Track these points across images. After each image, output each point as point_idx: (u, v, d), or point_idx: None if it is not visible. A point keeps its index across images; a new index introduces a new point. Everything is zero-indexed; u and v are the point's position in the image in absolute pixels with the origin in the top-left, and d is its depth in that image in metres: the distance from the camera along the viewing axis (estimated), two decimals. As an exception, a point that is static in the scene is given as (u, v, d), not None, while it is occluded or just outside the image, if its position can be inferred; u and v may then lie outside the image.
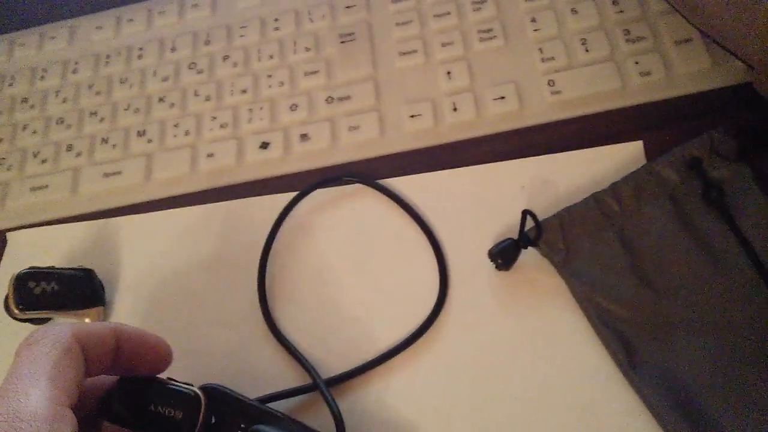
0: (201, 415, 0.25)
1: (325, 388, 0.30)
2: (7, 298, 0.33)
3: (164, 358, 0.26)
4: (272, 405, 0.30)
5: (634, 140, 0.34)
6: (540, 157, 0.35)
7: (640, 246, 0.30)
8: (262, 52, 0.42)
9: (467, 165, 0.36)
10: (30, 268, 0.33)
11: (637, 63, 0.36)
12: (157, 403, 0.24)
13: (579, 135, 0.35)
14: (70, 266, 0.35)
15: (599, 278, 0.30)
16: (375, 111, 0.38)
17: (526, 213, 0.31)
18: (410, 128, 0.37)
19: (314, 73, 0.40)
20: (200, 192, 0.39)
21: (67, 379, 0.22)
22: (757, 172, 0.31)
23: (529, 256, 0.32)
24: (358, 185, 0.36)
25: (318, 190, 0.36)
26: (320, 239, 0.35)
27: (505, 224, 0.33)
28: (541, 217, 0.31)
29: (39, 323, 0.35)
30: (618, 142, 0.35)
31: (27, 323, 0.34)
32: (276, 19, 0.43)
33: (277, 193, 0.37)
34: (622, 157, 0.34)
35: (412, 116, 0.37)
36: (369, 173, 0.37)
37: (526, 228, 0.31)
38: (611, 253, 0.30)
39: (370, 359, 0.31)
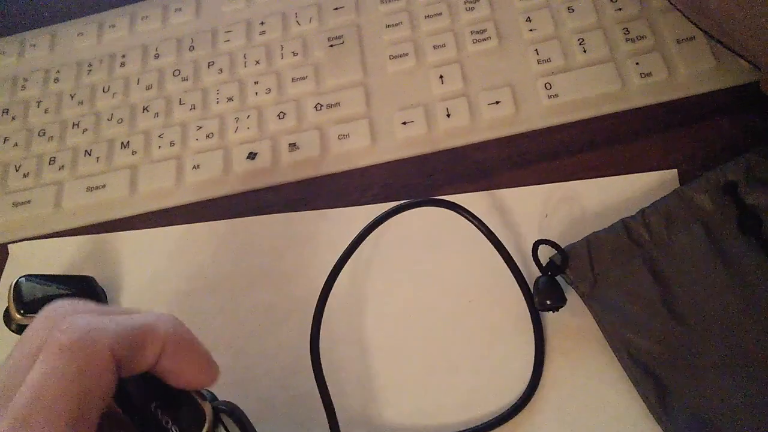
0: None
1: None
2: (7, 308, 0.31)
3: (205, 376, 0.23)
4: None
5: (632, 146, 0.33)
6: (565, 183, 0.33)
7: (672, 277, 0.29)
8: (248, 57, 0.40)
9: (463, 174, 0.34)
10: (28, 275, 0.32)
11: (637, 63, 0.34)
12: (160, 405, 0.22)
13: (578, 140, 0.34)
14: (70, 274, 0.34)
15: (628, 310, 0.28)
16: (366, 118, 0.37)
17: (540, 242, 0.29)
18: (403, 135, 0.36)
19: (302, 78, 0.39)
20: (187, 205, 0.37)
21: (89, 423, 0.20)
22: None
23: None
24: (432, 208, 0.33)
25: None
26: (385, 273, 0.32)
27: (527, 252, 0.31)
28: (565, 242, 0.29)
29: None
30: (617, 147, 0.33)
31: None
32: (262, 23, 0.41)
33: (263, 205, 0.36)
34: (654, 184, 0.32)
35: (404, 123, 0.36)
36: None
37: (552, 256, 0.30)
38: (641, 284, 0.29)
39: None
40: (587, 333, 0.29)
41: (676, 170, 0.32)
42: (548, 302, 0.29)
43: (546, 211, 0.32)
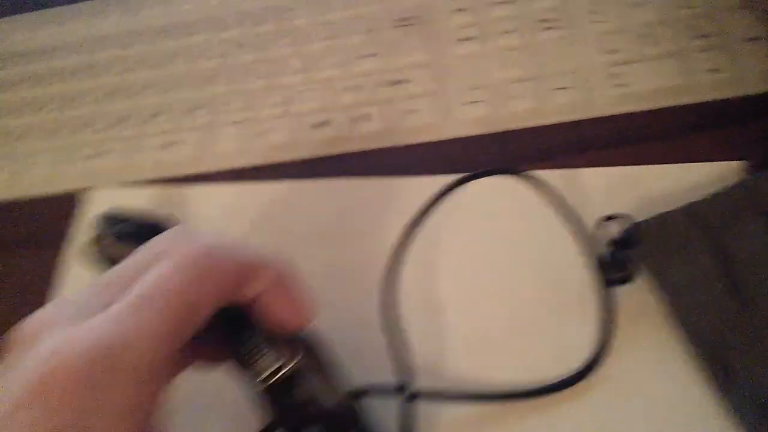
0: (288, 367, 0.24)
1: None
2: (94, 238, 0.33)
3: (300, 320, 0.25)
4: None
5: (698, 137, 0.34)
6: (631, 167, 0.34)
7: (739, 261, 0.29)
8: (316, 33, 0.42)
9: (526, 155, 0.35)
10: (116, 207, 0.33)
11: (704, 59, 0.35)
12: (253, 334, 0.24)
13: (642, 130, 0.35)
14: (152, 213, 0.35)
15: (694, 291, 0.29)
16: (434, 95, 0.38)
17: (611, 216, 0.30)
18: (469, 114, 0.37)
19: (372, 55, 0.40)
20: (255, 167, 0.39)
21: (187, 327, 0.21)
22: None
23: None
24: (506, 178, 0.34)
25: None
26: (461, 239, 0.33)
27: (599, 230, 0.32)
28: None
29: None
30: (680, 139, 0.34)
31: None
32: (329, 3, 0.43)
33: (329, 172, 0.37)
34: (720, 174, 0.32)
35: (470, 102, 0.37)
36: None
37: (622, 231, 0.30)
38: (707, 267, 0.29)
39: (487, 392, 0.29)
40: (652, 309, 0.30)
41: (744, 161, 0.33)
42: (616, 275, 0.30)
43: (612, 193, 0.33)
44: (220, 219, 0.37)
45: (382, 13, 0.42)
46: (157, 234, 0.35)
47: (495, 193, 0.34)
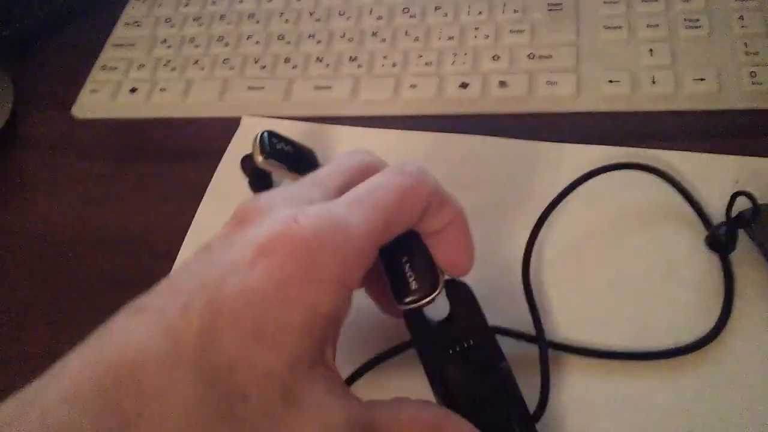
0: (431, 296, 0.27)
1: (546, 349, 0.30)
2: (249, 155, 0.37)
3: (466, 261, 0.28)
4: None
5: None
6: (758, 157, 0.35)
7: None
8: (471, 8, 0.46)
9: (657, 136, 0.38)
10: (272, 131, 0.38)
11: (843, 69, 0.37)
12: (407, 261, 0.27)
13: (770, 126, 0.37)
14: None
15: None
16: (574, 72, 0.41)
17: (740, 194, 0.31)
18: (606, 92, 0.40)
19: (520, 32, 0.44)
20: (399, 116, 0.42)
21: (393, 232, 0.25)
22: None
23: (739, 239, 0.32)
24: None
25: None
26: (598, 214, 0.36)
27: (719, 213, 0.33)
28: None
29: (261, 188, 0.39)
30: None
31: (252, 184, 0.39)
32: (489, -19, 0.47)
33: (468, 130, 0.41)
34: None
35: (610, 81, 0.40)
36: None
37: (743, 210, 0.32)
38: None
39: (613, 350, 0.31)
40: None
41: None
42: (714, 245, 0.32)
43: (736, 179, 0.35)
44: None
45: (532, -1, 0.45)
46: (306, 160, 0.39)
47: (627, 177, 0.36)
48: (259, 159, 0.37)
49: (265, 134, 0.38)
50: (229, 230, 0.24)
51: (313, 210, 0.23)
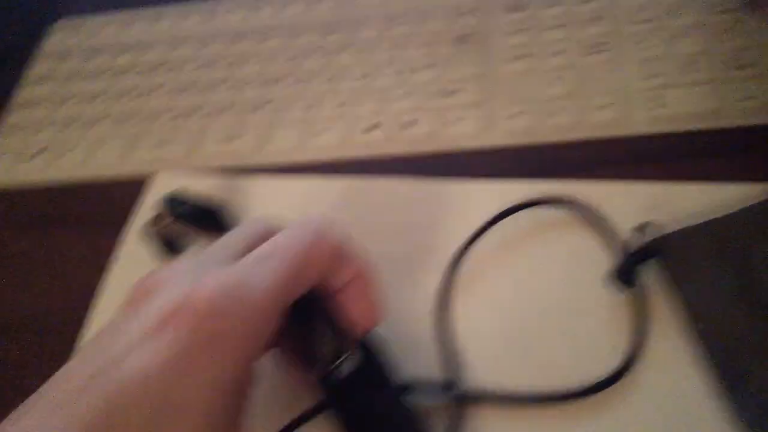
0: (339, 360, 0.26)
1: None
2: (155, 217, 0.36)
3: (371, 320, 0.28)
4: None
5: (726, 160, 0.36)
6: (666, 183, 0.35)
7: (759, 276, 0.31)
8: (381, 45, 0.45)
9: (565, 166, 0.37)
10: (179, 191, 0.37)
11: (741, 87, 0.37)
12: (322, 321, 0.27)
13: (678, 149, 0.37)
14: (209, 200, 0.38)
15: (715, 301, 0.30)
16: (481, 107, 0.41)
17: (646, 225, 0.32)
18: (513, 125, 0.39)
19: (428, 67, 0.43)
20: (310, 163, 0.42)
21: (297, 289, 0.25)
22: None
23: (646, 270, 0.32)
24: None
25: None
26: (510, 252, 0.35)
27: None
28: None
29: (172, 251, 0.37)
30: (714, 161, 0.36)
31: (160, 249, 0.37)
32: (398, 18, 0.46)
33: (378, 171, 0.40)
34: (751, 194, 0.34)
35: (516, 114, 0.39)
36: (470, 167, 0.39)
37: (648, 241, 0.32)
38: (730, 279, 0.31)
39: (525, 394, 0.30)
40: (679, 319, 0.31)
41: None
42: (622, 278, 0.31)
43: (645, 206, 0.35)
44: (276, 210, 0.39)
45: (443, 30, 0.45)
46: (214, 218, 0.38)
47: (539, 211, 0.36)
48: (164, 224, 0.36)
49: (167, 198, 0.37)
50: (128, 308, 0.24)
51: (212, 278, 0.23)
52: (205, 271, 0.24)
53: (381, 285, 0.28)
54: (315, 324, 0.27)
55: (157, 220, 0.37)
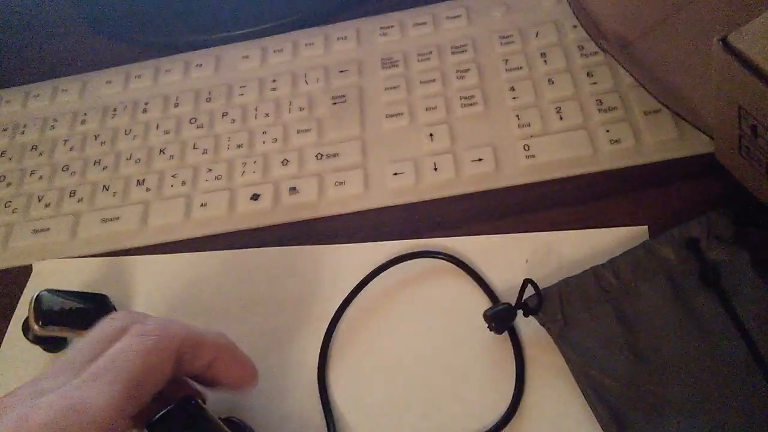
0: None
1: None
2: (27, 319, 0.34)
3: (249, 380, 0.28)
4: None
5: (602, 204, 0.36)
6: (544, 233, 0.36)
7: (636, 322, 0.31)
8: (259, 110, 0.44)
9: (446, 222, 0.38)
10: (48, 289, 0.35)
11: (608, 131, 0.38)
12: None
13: (552, 197, 0.37)
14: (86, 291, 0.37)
15: (595, 351, 0.31)
16: (360, 168, 0.40)
17: (527, 282, 0.32)
18: (393, 185, 0.39)
19: (306, 131, 0.43)
20: (192, 239, 0.40)
21: (144, 393, 0.25)
22: (755, 256, 0.31)
23: (527, 323, 0.33)
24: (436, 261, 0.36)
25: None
26: (389, 310, 0.35)
27: (510, 294, 0.33)
28: (541, 287, 0.32)
29: (54, 348, 0.36)
30: (587, 205, 0.37)
31: (41, 347, 0.36)
32: (273, 80, 0.46)
33: (264, 242, 0.39)
34: (625, 238, 0.35)
35: (395, 174, 0.39)
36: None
37: (528, 297, 0.32)
38: (607, 327, 0.31)
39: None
40: (561, 370, 0.31)
41: (646, 226, 0.35)
42: (493, 324, 0.32)
43: (525, 258, 0.35)
44: (159, 289, 0.39)
45: (320, 91, 0.45)
46: (95, 310, 0.37)
47: (418, 267, 0.36)
48: (35, 328, 0.34)
49: (41, 296, 0.35)
50: None
51: (46, 402, 0.23)
52: (43, 393, 0.24)
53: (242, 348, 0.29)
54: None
55: (26, 326, 0.35)
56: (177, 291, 0.38)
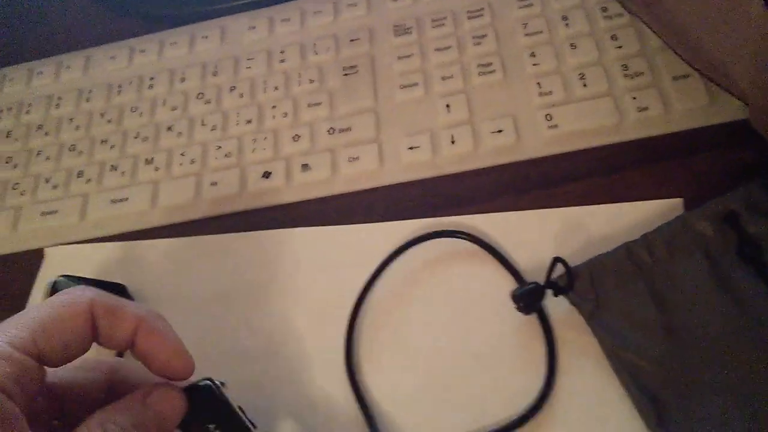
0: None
1: None
2: None
3: (178, 372, 0.26)
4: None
5: (629, 175, 0.35)
6: (571, 207, 0.34)
7: (672, 300, 0.30)
8: (267, 83, 0.43)
9: (466, 197, 0.36)
10: (64, 275, 0.34)
11: (634, 98, 0.36)
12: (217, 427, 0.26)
13: (576, 169, 0.36)
14: (103, 279, 0.36)
15: (628, 331, 0.29)
16: (375, 142, 0.39)
17: (556, 260, 0.30)
18: (408, 160, 0.38)
19: (317, 104, 0.41)
20: (203, 219, 0.39)
21: (50, 338, 0.24)
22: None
23: (557, 304, 0.31)
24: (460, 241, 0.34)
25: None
26: (413, 293, 0.34)
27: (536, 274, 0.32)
28: (570, 265, 0.30)
29: None
30: (613, 177, 0.35)
31: None
32: (282, 52, 0.44)
33: (277, 221, 0.38)
34: (659, 211, 0.33)
35: (410, 148, 0.38)
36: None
37: (557, 276, 0.31)
38: (641, 306, 0.30)
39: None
40: (593, 352, 0.30)
41: (681, 199, 0.33)
42: (521, 304, 0.31)
43: (552, 235, 0.34)
44: (174, 274, 0.38)
45: (330, 62, 0.43)
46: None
47: (440, 246, 0.35)
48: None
49: (58, 283, 0.34)
50: None
51: None
52: None
53: (268, 336, 0.29)
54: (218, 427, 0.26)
55: None
56: (193, 276, 0.37)
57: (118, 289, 0.36)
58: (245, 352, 0.34)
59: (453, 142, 0.37)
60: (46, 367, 0.23)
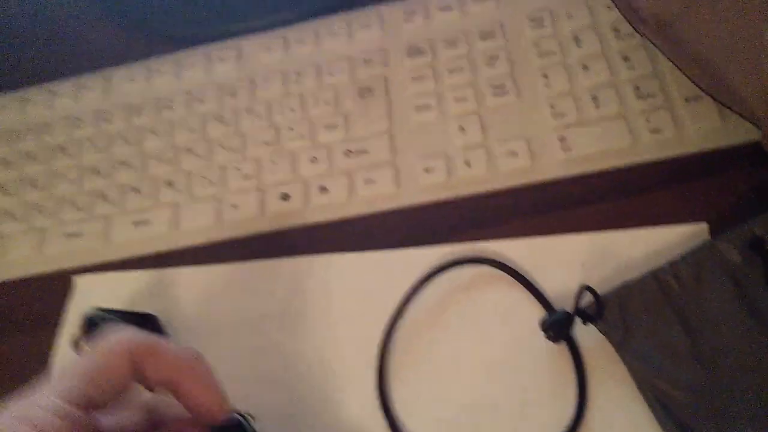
0: None
1: None
2: (77, 338, 0.35)
3: (214, 415, 0.27)
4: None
5: (648, 197, 0.35)
6: (596, 233, 0.35)
7: (700, 327, 0.30)
8: (283, 105, 0.44)
9: (483, 219, 0.37)
10: (98, 308, 0.35)
11: (647, 120, 0.37)
12: None
13: (590, 192, 0.36)
14: (134, 310, 0.37)
15: (658, 360, 0.30)
16: (390, 165, 0.39)
17: (584, 288, 0.31)
18: (425, 182, 0.38)
19: (333, 126, 0.42)
20: (225, 241, 0.40)
21: (96, 388, 0.25)
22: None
23: (585, 331, 0.32)
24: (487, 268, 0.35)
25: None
26: (441, 321, 0.35)
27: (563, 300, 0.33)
28: (597, 291, 0.31)
29: None
30: (631, 199, 0.35)
31: None
32: (297, 74, 0.45)
33: (297, 244, 0.39)
34: (684, 236, 0.33)
35: (426, 170, 0.39)
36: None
37: (585, 303, 0.31)
38: (670, 334, 0.30)
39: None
40: (624, 380, 0.30)
41: (706, 223, 0.33)
42: (551, 333, 0.31)
43: (580, 261, 0.34)
44: (204, 303, 0.38)
45: (346, 83, 0.43)
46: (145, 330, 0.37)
47: (465, 274, 0.35)
48: (87, 349, 0.34)
49: (92, 317, 0.35)
50: None
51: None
52: None
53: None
54: None
55: (76, 344, 0.35)
56: (223, 304, 0.38)
57: (150, 320, 0.37)
58: (276, 380, 0.35)
59: (468, 164, 0.38)
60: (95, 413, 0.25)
